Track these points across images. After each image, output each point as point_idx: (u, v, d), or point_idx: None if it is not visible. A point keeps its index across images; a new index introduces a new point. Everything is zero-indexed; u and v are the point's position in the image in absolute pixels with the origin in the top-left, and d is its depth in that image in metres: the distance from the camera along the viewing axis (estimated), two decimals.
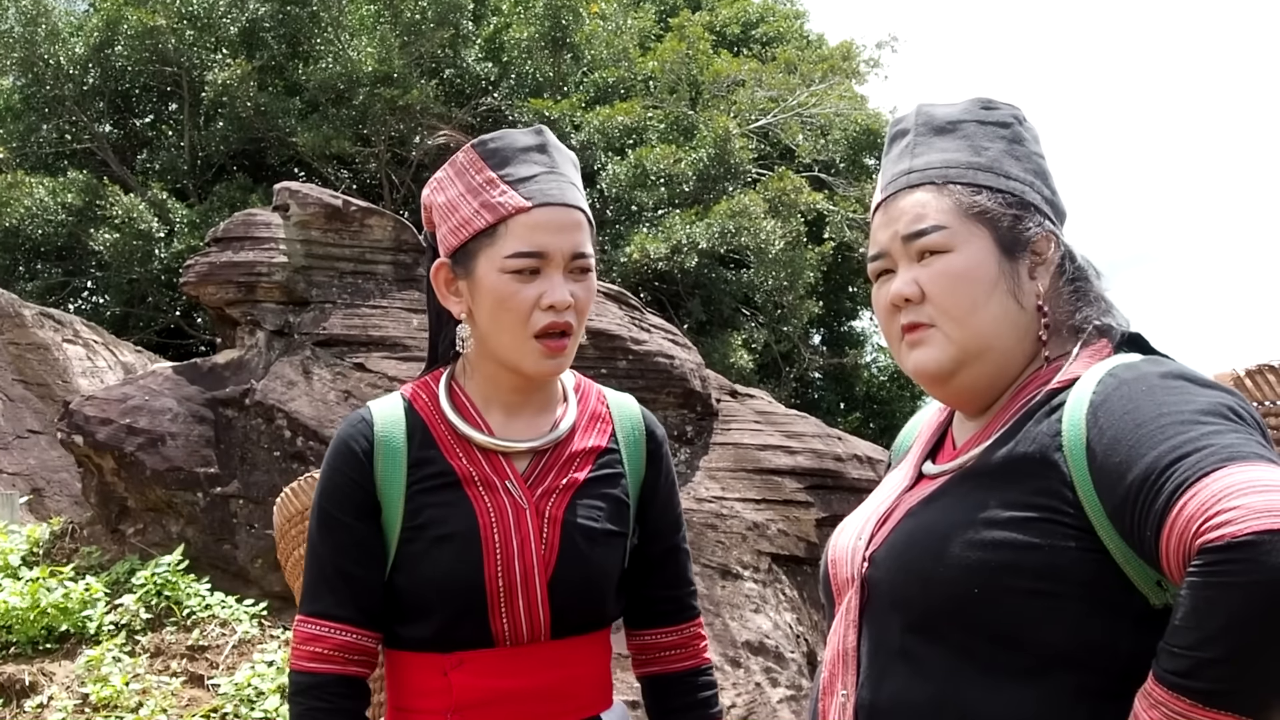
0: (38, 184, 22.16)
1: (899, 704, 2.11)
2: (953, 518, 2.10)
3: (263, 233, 9.81)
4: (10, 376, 14.48)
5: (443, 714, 2.55)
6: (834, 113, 26.11)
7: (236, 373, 9.37)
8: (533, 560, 2.56)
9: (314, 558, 2.61)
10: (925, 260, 2.22)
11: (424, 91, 22.33)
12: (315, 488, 2.67)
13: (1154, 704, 1.82)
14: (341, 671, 2.54)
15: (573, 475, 2.66)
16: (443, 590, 2.53)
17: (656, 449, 2.82)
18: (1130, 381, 2.01)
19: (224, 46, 23.72)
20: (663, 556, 2.81)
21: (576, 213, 2.61)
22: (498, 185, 2.58)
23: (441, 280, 2.67)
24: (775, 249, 22.40)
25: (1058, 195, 2.29)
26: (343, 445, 2.61)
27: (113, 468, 8.86)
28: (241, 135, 23.28)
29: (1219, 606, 1.74)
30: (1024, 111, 2.32)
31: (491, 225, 2.57)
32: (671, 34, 26.57)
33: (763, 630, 9.08)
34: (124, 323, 23.17)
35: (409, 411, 2.65)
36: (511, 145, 2.63)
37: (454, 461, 2.60)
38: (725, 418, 10.27)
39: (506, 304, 2.55)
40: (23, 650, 7.93)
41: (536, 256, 2.54)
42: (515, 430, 2.66)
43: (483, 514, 2.56)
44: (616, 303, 10.43)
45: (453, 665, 2.56)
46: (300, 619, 2.59)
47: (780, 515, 9.76)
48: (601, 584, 2.65)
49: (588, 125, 23.34)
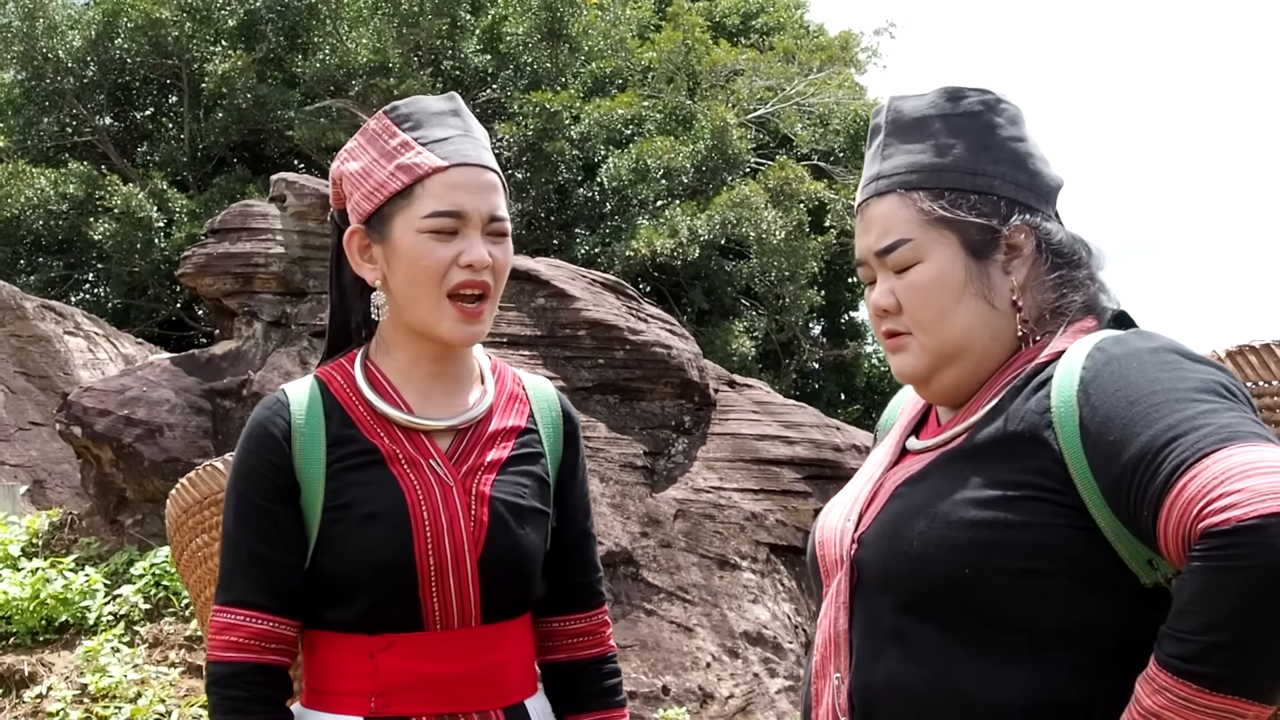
0: (38, 176, 22.15)
1: (892, 685, 2.11)
2: (941, 497, 2.09)
3: (259, 224, 9.83)
4: (12, 369, 14.49)
5: (366, 697, 2.51)
6: (833, 102, 26.07)
7: (234, 364, 9.39)
8: (462, 537, 2.51)
9: (229, 545, 2.55)
10: (900, 272, 2.22)
11: (421, 82, 22.31)
12: (228, 473, 2.61)
13: (1158, 689, 1.81)
14: (259, 660, 2.49)
15: (496, 453, 2.62)
16: (373, 570, 2.48)
17: (573, 431, 2.78)
18: (1120, 357, 2.00)
19: (223, 38, 23.71)
20: (576, 541, 2.77)
21: (492, 174, 2.58)
22: (412, 147, 2.55)
23: (355, 247, 2.61)
24: (776, 239, 22.38)
25: (1041, 174, 2.26)
26: (258, 428, 2.56)
27: (111, 459, 8.88)
28: (241, 127, 23.26)
29: (1225, 591, 1.73)
30: (995, 93, 2.28)
31: (408, 186, 2.53)
32: (669, 24, 26.54)
33: (761, 621, 9.09)
34: (125, 315, 23.18)
35: (324, 392, 2.60)
36: (424, 109, 2.60)
37: (375, 440, 2.55)
38: (723, 408, 10.27)
39: (423, 262, 2.51)
40: (22, 641, 7.95)
41: (454, 216, 2.51)
42: (434, 408, 2.62)
43: (409, 492, 2.51)
44: (614, 292, 10.43)
45: (380, 648, 2.51)
46: (216, 609, 2.53)
47: (778, 505, 9.76)
48: (530, 562, 2.61)
49: (587, 117, 23.33)
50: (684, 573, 9.08)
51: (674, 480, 9.61)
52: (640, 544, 8.99)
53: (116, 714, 7.13)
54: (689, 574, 9.09)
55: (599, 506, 8.95)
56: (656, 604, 8.81)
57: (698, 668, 8.60)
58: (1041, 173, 2.26)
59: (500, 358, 9.36)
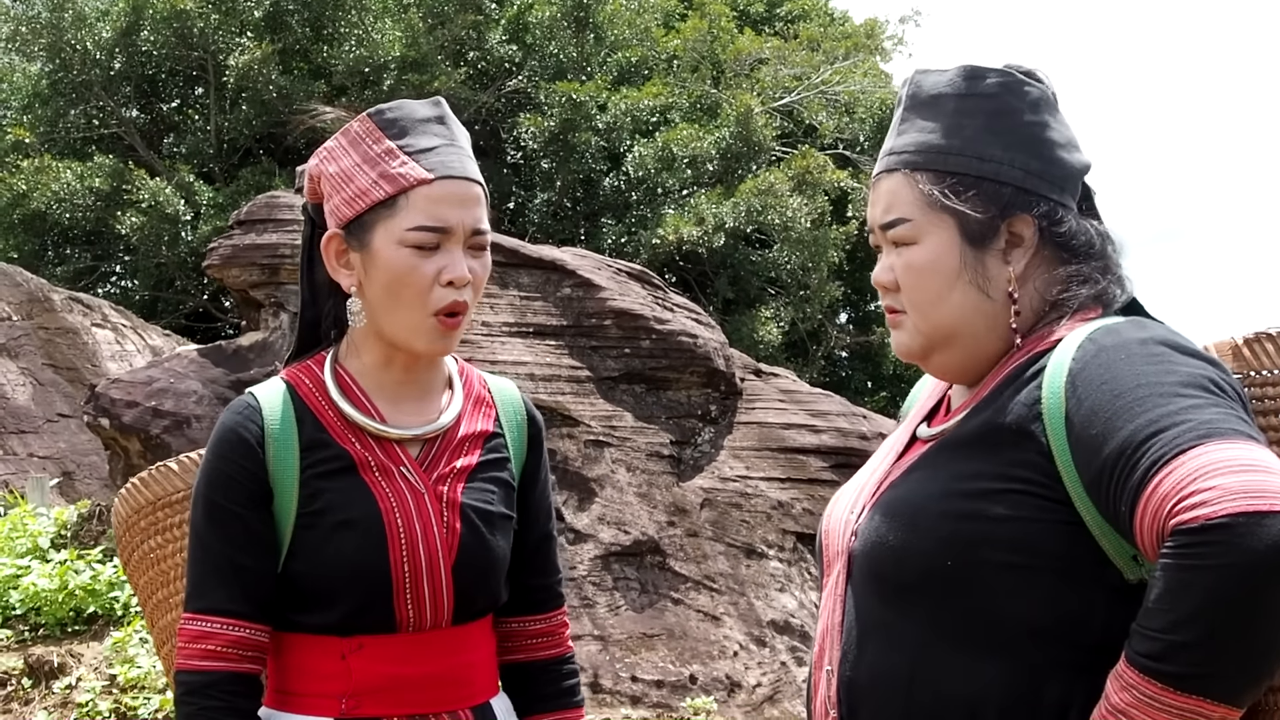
0: (65, 168, 22.24)
1: (876, 677, 2.10)
2: (928, 489, 2.08)
3: (285, 214, 9.84)
4: (40, 361, 14.57)
5: (337, 698, 2.49)
6: (858, 90, 26.04)
7: (260, 355, 9.41)
8: (436, 545, 2.50)
9: (201, 551, 2.50)
10: (899, 249, 2.21)
11: (449, 76, 22.34)
12: (197, 476, 2.56)
13: (1125, 686, 1.80)
14: (235, 669, 2.45)
15: (465, 460, 2.61)
16: (348, 577, 2.46)
17: (537, 434, 2.76)
18: (1110, 348, 1.97)
19: (248, 30, 23.76)
20: (538, 544, 2.75)
21: (476, 187, 2.53)
22: (397, 156, 2.51)
23: (333, 252, 2.56)
24: (801, 227, 22.37)
25: (1058, 161, 2.20)
26: (230, 433, 2.51)
27: (139, 450, 8.91)
28: (266, 119, 23.33)
29: (1192, 589, 1.72)
30: (1018, 74, 2.23)
31: (391, 196, 2.48)
32: (694, 13, 26.52)
33: (788, 609, 9.09)
34: (152, 306, 23.29)
35: (294, 396, 2.57)
36: (410, 116, 2.56)
37: (347, 446, 2.53)
38: (749, 397, 10.26)
39: (405, 279, 2.47)
40: (51, 632, 7.98)
41: (438, 231, 2.47)
42: (404, 416, 2.60)
43: (383, 499, 2.50)
44: (639, 282, 10.42)
45: (352, 649, 2.49)
46: (188, 616, 2.47)
47: (805, 494, 9.75)
48: (500, 566, 2.61)
49: (614, 107, 23.33)
50: (711, 561, 9.08)
51: (700, 469, 9.61)
52: (667, 533, 9.00)
53: (145, 704, 7.16)
54: (716, 563, 9.09)
55: (626, 496, 8.95)
56: (683, 593, 8.81)
57: (725, 656, 8.61)
58: (1058, 159, 2.20)
59: (527, 347, 9.36)
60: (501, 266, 9.43)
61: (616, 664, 8.38)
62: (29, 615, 8.11)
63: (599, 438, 9.20)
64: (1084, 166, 2.24)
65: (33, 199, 22.05)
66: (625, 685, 8.15)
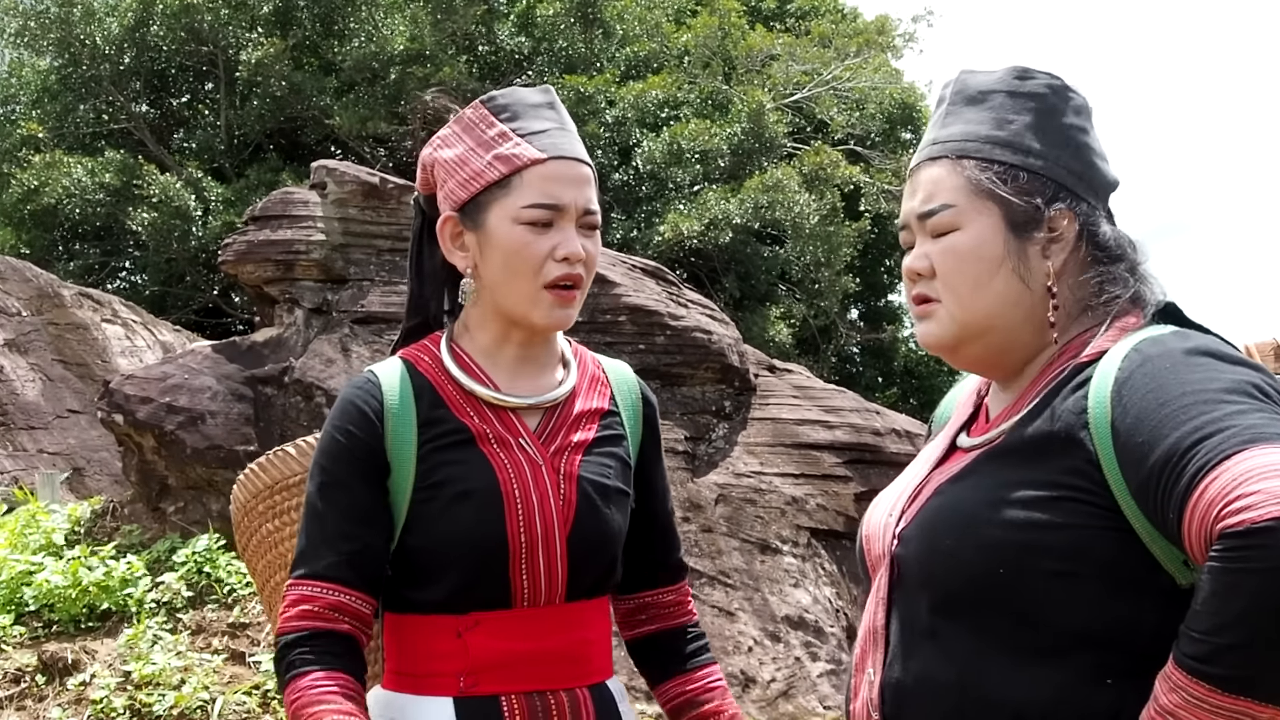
0: (75, 164, 22.25)
1: (923, 683, 2.12)
2: (978, 496, 2.09)
3: (300, 211, 9.83)
4: (50, 356, 14.57)
5: (455, 676, 2.51)
6: (869, 86, 26.06)
7: (275, 351, 9.40)
8: (553, 516, 2.54)
9: (314, 520, 2.53)
10: (938, 237, 2.22)
11: (457, 69, 22.33)
12: (314, 450, 2.62)
13: (1173, 688, 1.82)
14: (332, 628, 2.46)
15: (583, 434, 2.66)
16: (465, 548, 2.50)
17: (651, 414, 2.82)
18: (1155, 358, 1.99)
19: (259, 25, 23.77)
20: (665, 519, 2.82)
21: (586, 168, 2.62)
22: (510, 138, 2.58)
23: (448, 234, 2.64)
24: (811, 223, 22.37)
25: (1096, 168, 2.24)
26: (350, 406, 2.56)
27: (153, 446, 8.90)
28: (276, 114, 23.35)
29: (1238, 592, 1.73)
30: (1065, 81, 2.27)
31: (505, 176, 2.55)
32: (705, 8, 26.52)
33: (802, 605, 9.08)
34: (162, 302, 23.29)
35: (413, 372, 2.62)
36: (522, 101, 2.63)
37: (466, 420, 2.57)
38: (763, 393, 10.26)
39: (521, 254, 2.53)
40: (65, 629, 7.97)
41: (551, 209, 2.54)
42: (521, 388, 2.64)
43: (501, 470, 2.53)
44: (654, 278, 10.42)
45: (468, 626, 2.52)
46: (292, 582, 2.52)
47: (819, 490, 9.74)
48: (615, 541, 2.64)
49: (622, 101, 23.32)
50: (725, 557, 9.08)
51: (715, 465, 9.60)
52: (682, 529, 8.97)
53: (160, 701, 7.15)
54: (730, 558, 9.09)
55: None
56: (698, 588, 8.80)
57: (740, 652, 8.59)
58: (1097, 166, 2.25)
59: None
60: None
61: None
62: (43, 612, 8.11)
63: None
64: (1115, 181, 2.28)
65: (43, 194, 22.07)
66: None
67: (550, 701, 2.55)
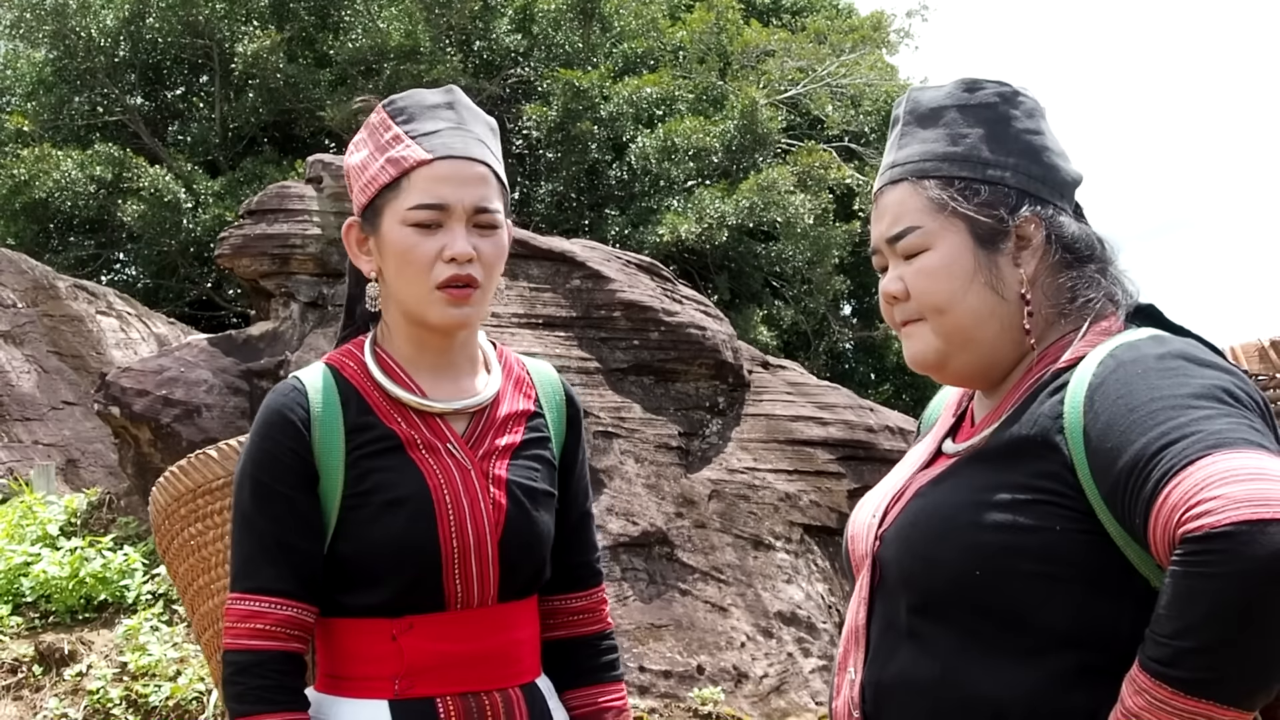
0: (65, 157, 22.19)
1: (903, 683, 2.15)
2: (957, 499, 2.13)
3: (296, 205, 9.85)
4: (45, 348, 14.55)
5: (390, 679, 2.53)
6: (864, 83, 26.03)
7: (271, 344, 9.42)
8: (484, 520, 2.56)
9: (248, 532, 2.54)
10: (909, 259, 2.25)
11: (451, 64, 22.31)
12: (240, 459, 2.60)
13: (1138, 690, 1.86)
14: (283, 648, 2.49)
15: (509, 438, 2.67)
16: (398, 555, 2.51)
17: (575, 415, 2.83)
18: (1128, 363, 2.02)
19: (254, 18, 23.73)
20: (579, 521, 2.81)
21: (480, 166, 2.60)
22: (402, 140, 2.59)
23: (353, 240, 2.67)
24: (804, 223, 22.37)
25: (1056, 168, 2.27)
26: (276, 415, 2.56)
27: (149, 439, 8.92)
28: (271, 107, 23.31)
29: (1198, 596, 1.77)
30: (1014, 86, 2.30)
31: (395, 179, 2.57)
32: (701, 4, 26.51)
33: (795, 601, 9.11)
34: (155, 294, 23.25)
35: (339, 378, 2.62)
36: (419, 103, 2.64)
37: (394, 426, 2.58)
38: (757, 389, 10.28)
39: (408, 256, 2.55)
40: (62, 619, 8.01)
41: (436, 209, 2.54)
42: (444, 391, 2.65)
43: (431, 477, 2.54)
44: (648, 274, 10.44)
45: (402, 630, 2.53)
46: (235, 596, 2.51)
47: (812, 486, 9.77)
48: (545, 542, 2.66)
49: (616, 96, 23.31)
50: (718, 553, 9.10)
51: (708, 461, 9.63)
52: (675, 524, 9.01)
53: (156, 692, 7.18)
54: (723, 554, 9.11)
55: (634, 487, 8.97)
56: (691, 584, 8.83)
57: (732, 647, 8.62)
58: (1057, 166, 2.28)
59: (536, 339, 9.37)
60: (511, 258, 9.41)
61: (624, 654, 8.39)
62: (39, 603, 8.14)
63: (607, 429, 9.22)
64: (1078, 177, 2.31)
65: (34, 187, 22.00)
66: (633, 675, 8.16)
67: (485, 702, 2.56)
